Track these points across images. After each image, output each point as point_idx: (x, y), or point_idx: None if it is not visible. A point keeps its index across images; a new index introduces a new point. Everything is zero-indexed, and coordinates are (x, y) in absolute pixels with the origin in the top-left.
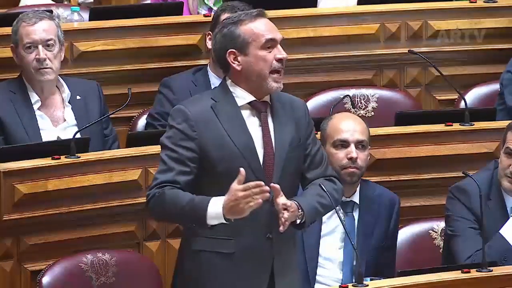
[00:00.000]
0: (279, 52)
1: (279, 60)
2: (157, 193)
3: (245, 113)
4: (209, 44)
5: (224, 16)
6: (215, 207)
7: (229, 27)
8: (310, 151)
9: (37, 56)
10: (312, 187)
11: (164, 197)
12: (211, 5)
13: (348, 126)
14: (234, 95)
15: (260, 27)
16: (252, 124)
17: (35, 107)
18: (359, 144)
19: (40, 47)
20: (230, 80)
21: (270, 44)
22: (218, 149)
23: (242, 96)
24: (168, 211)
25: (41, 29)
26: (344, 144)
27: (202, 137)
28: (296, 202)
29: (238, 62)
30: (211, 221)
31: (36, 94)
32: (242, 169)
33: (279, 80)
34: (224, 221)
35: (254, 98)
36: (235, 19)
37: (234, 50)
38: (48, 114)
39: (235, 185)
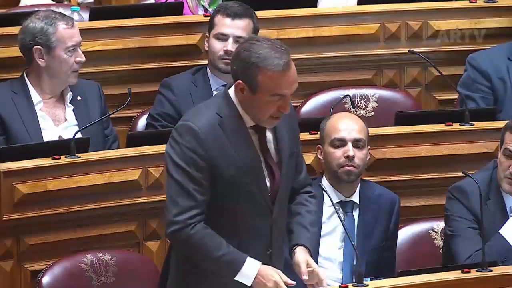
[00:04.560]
0: (285, 105)
1: (280, 111)
2: (190, 226)
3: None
4: (206, 45)
5: (218, 17)
6: (250, 270)
7: (250, 64)
8: (298, 158)
9: (77, 59)
10: (303, 210)
11: (199, 236)
12: (207, 6)
13: (345, 125)
14: (240, 112)
15: (280, 83)
16: (255, 140)
17: (37, 107)
18: (357, 143)
19: (79, 49)
20: (236, 100)
21: (279, 97)
22: (226, 167)
23: (246, 119)
24: (198, 253)
25: (78, 31)
26: (342, 142)
27: (211, 156)
28: (303, 247)
29: (243, 93)
30: (238, 278)
31: (38, 94)
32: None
33: (275, 122)
34: (249, 284)
35: (255, 123)
36: (260, 59)
37: (243, 84)
38: (49, 114)
39: (278, 277)
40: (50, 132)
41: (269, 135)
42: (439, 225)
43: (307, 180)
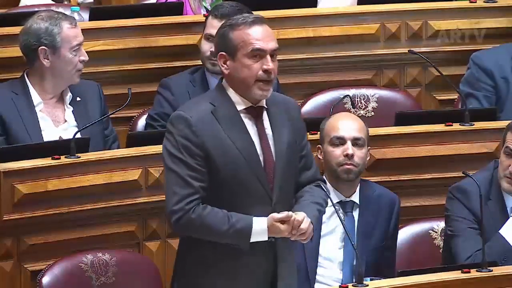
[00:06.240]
0: (267, 63)
1: (266, 71)
2: (190, 211)
3: (244, 117)
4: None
5: (209, 18)
6: (260, 224)
7: (224, 29)
8: (305, 153)
9: (81, 58)
10: (307, 194)
11: (201, 217)
12: (208, 7)
13: (345, 124)
14: (232, 99)
15: (252, 34)
16: (251, 128)
17: (37, 108)
18: (356, 142)
19: (82, 48)
20: (227, 84)
21: (257, 53)
22: (221, 155)
23: (239, 101)
24: (206, 231)
25: (80, 31)
26: (341, 141)
27: (205, 143)
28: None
29: (227, 66)
30: (254, 238)
31: (38, 95)
32: (289, 213)
33: (264, 88)
34: (266, 239)
35: (250, 104)
36: (232, 21)
37: (224, 53)
38: (49, 114)
39: (276, 217)
40: (50, 133)
41: (265, 122)
42: (439, 225)
43: (316, 175)
